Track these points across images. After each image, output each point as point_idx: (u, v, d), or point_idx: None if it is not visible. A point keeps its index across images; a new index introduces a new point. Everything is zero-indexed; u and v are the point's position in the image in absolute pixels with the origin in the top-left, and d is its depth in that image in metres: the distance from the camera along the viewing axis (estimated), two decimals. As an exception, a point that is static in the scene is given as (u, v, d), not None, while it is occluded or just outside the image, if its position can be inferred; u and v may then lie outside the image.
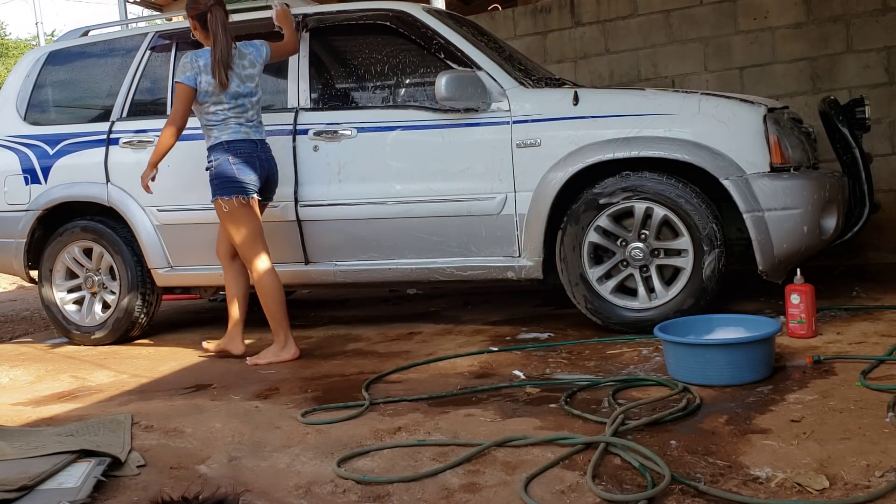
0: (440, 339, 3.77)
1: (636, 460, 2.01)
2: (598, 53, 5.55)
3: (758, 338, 2.68)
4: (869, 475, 1.85)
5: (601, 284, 3.55)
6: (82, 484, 2.09)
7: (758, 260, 3.37)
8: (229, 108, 3.52)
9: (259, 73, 3.63)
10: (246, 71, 3.57)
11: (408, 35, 3.86)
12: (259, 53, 3.64)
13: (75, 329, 4.41)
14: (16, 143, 4.49)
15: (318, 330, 4.32)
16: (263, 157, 3.61)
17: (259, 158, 3.58)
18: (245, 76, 3.56)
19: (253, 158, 3.55)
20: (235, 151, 3.51)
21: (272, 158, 3.68)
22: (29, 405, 3.19)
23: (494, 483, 2.01)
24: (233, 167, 3.50)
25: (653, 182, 3.42)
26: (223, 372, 3.49)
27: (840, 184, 3.67)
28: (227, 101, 3.50)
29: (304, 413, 2.69)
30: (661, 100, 3.53)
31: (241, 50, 3.58)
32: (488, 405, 2.64)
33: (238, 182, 3.51)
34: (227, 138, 3.52)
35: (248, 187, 3.52)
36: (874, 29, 4.81)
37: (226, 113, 3.52)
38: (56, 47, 4.68)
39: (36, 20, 22.87)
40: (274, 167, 3.68)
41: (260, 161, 3.58)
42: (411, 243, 3.80)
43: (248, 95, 3.57)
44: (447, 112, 3.67)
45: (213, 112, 3.52)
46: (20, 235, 4.42)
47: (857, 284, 4.16)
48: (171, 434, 2.59)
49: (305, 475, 2.17)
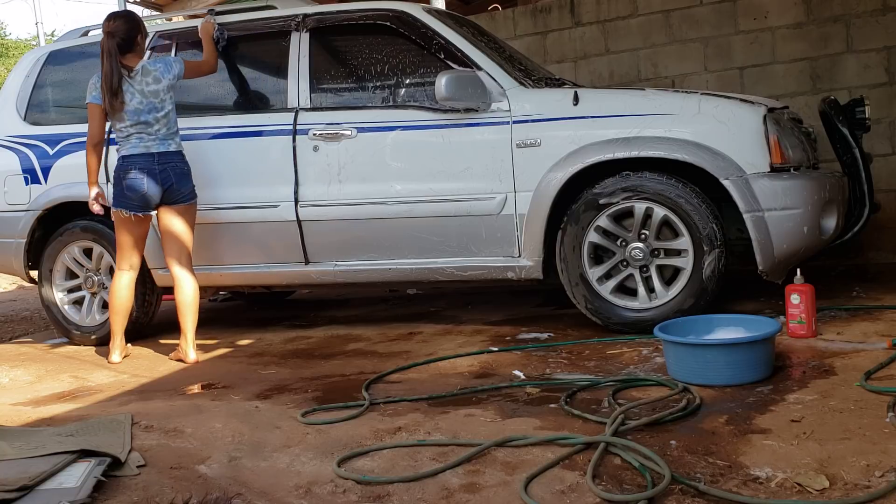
0: (440, 339, 3.77)
1: (636, 460, 2.01)
2: (598, 53, 5.55)
3: (758, 338, 2.68)
4: (869, 475, 1.85)
5: (601, 284, 3.55)
6: (82, 484, 2.09)
7: (758, 260, 3.37)
8: (130, 124, 3.68)
9: (166, 89, 3.73)
10: (150, 87, 3.69)
11: (408, 35, 3.86)
12: (168, 69, 3.75)
13: (75, 329, 4.41)
14: (16, 143, 4.49)
15: (318, 330, 4.32)
16: (158, 169, 3.71)
17: (153, 172, 3.69)
18: (148, 92, 3.69)
19: (144, 173, 3.68)
20: (129, 167, 3.70)
21: (175, 167, 3.74)
22: (29, 405, 3.19)
23: (494, 483, 2.00)
24: (122, 182, 3.70)
25: (653, 182, 3.42)
26: (223, 372, 3.49)
27: (840, 184, 3.67)
28: (127, 118, 3.68)
29: (304, 413, 2.69)
30: (661, 100, 3.53)
31: (145, 67, 3.72)
32: (488, 405, 2.64)
33: (124, 197, 3.71)
34: (125, 153, 3.71)
35: (130, 203, 3.71)
36: (874, 29, 4.81)
37: (128, 129, 3.69)
38: (56, 47, 4.68)
39: (36, 20, 22.87)
40: (174, 176, 3.73)
41: (153, 174, 3.69)
42: (411, 243, 3.80)
43: (152, 111, 3.69)
44: (447, 112, 3.68)
45: (118, 129, 3.72)
46: (20, 235, 4.42)
47: (857, 284, 4.16)
48: (171, 434, 2.59)
49: (305, 475, 2.17)
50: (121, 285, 3.86)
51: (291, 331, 4.36)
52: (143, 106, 3.68)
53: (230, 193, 4.01)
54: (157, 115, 3.71)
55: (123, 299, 3.87)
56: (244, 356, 3.79)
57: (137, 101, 3.67)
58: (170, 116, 3.75)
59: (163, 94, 3.72)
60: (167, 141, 3.74)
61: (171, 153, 3.75)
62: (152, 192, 3.70)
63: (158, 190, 3.71)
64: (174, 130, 3.79)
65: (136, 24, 3.73)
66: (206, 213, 3.96)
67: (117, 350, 3.89)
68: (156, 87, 3.71)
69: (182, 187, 3.76)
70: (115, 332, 3.90)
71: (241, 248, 4.07)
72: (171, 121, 3.76)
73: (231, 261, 4.12)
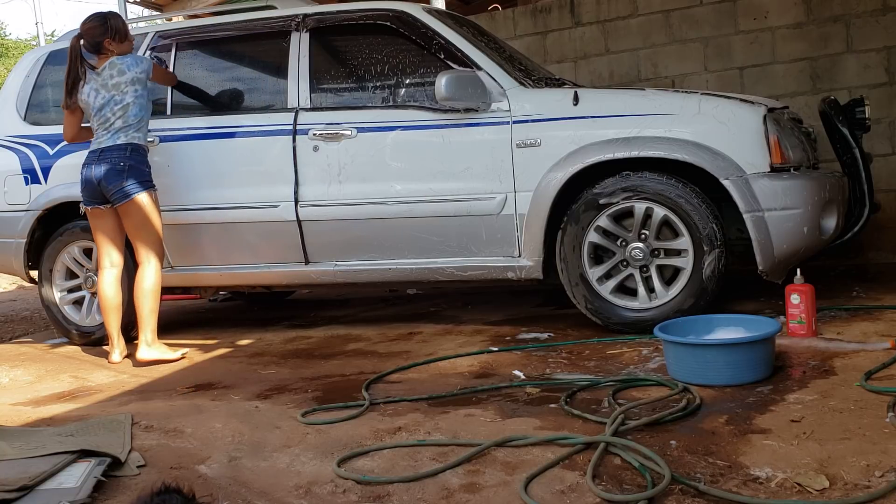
0: (440, 339, 3.77)
1: (636, 460, 2.01)
2: (598, 53, 5.55)
3: (758, 338, 2.68)
4: (869, 475, 1.84)
5: (601, 284, 3.55)
6: (82, 484, 2.09)
7: (758, 260, 3.37)
8: (96, 121, 3.76)
9: (130, 81, 3.71)
10: (113, 80, 3.72)
11: (408, 35, 3.86)
12: (136, 64, 3.77)
13: (75, 329, 4.41)
14: (16, 143, 4.49)
15: (318, 330, 4.32)
16: (94, 164, 3.73)
17: (90, 166, 3.74)
18: (111, 85, 3.72)
19: (86, 167, 3.75)
20: (84, 163, 3.78)
21: (105, 162, 3.71)
22: (29, 405, 3.19)
23: (494, 483, 2.00)
24: (80, 178, 3.80)
25: (653, 182, 3.42)
26: (223, 372, 3.49)
27: (840, 184, 3.67)
28: (93, 114, 3.76)
29: (304, 413, 2.69)
30: (661, 100, 3.53)
31: (113, 61, 3.76)
32: (488, 405, 2.64)
33: (81, 193, 3.81)
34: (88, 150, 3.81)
35: (84, 196, 3.80)
36: (874, 29, 4.81)
37: (96, 125, 3.77)
38: (56, 47, 4.67)
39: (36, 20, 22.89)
40: (101, 173, 3.70)
41: (90, 168, 3.74)
42: (411, 243, 3.80)
43: (111, 104, 3.71)
44: (447, 112, 3.68)
45: (93, 128, 3.80)
46: (20, 235, 4.42)
47: (857, 284, 4.16)
48: (171, 434, 2.59)
49: (305, 475, 2.17)
50: (104, 283, 3.85)
51: (291, 331, 4.36)
52: (102, 100, 3.70)
53: (230, 193, 4.00)
54: (114, 108, 3.71)
55: (108, 297, 3.85)
56: (244, 356, 3.79)
57: (101, 96, 3.70)
58: (128, 109, 3.71)
59: (124, 87, 3.70)
60: (118, 134, 3.72)
61: (112, 147, 3.72)
62: (91, 187, 3.74)
63: (94, 184, 3.73)
64: (129, 124, 3.72)
65: (102, 27, 3.75)
66: (206, 214, 3.96)
67: (117, 349, 3.88)
68: (119, 80, 3.70)
69: (108, 183, 3.69)
70: (110, 331, 3.89)
71: (241, 249, 4.07)
72: (128, 114, 3.71)
73: (231, 261, 4.12)
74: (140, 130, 3.77)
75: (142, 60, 3.80)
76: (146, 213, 3.73)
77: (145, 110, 3.79)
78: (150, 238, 3.77)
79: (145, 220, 3.74)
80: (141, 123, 3.77)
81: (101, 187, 3.72)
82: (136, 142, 3.75)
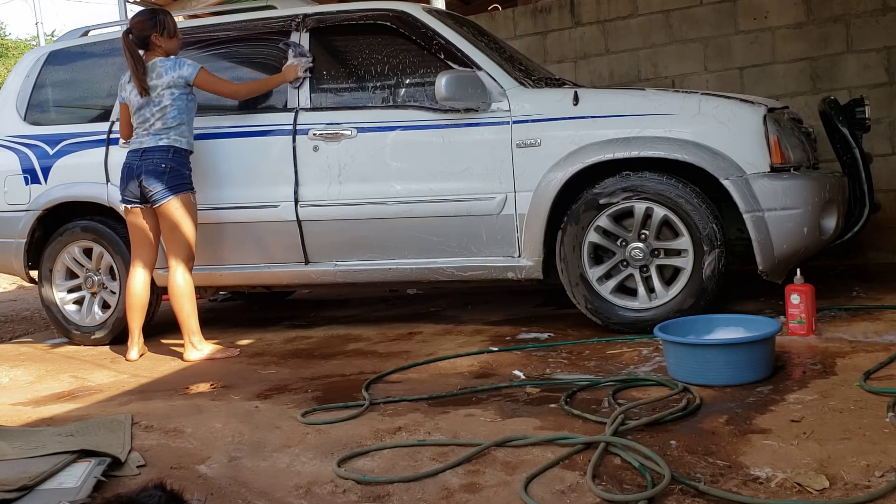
0: (440, 339, 3.77)
1: (636, 460, 2.01)
2: (598, 53, 5.55)
3: (758, 338, 2.68)
4: (869, 475, 1.85)
5: (601, 284, 3.55)
6: (82, 484, 2.09)
7: (758, 260, 3.37)
8: (137, 120, 3.78)
9: (166, 84, 3.70)
10: (153, 82, 3.72)
11: (408, 35, 3.86)
12: (176, 67, 3.73)
13: (75, 329, 4.41)
14: (16, 143, 4.49)
15: (318, 330, 4.32)
16: (136, 164, 3.74)
17: (132, 165, 3.75)
18: (150, 86, 3.72)
19: (128, 166, 3.77)
20: (125, 162, 3.81)
21: (146, 162, 3.71)
22: (29, 405, 3.19)
23: (494, 483, 2.00)
24: (119, 176, 3.84)
25: (653, 182, 3.42)
26: (223, 372, 3.49)
27: (840, 184, 3.67)
28: (134, 113, 3.78)
29: (304, 413, 2.69)
30: (661, 100, 3.53)
31: (155, 63, 3.74)
32: (488, 405, 2.64)
33: (120, 191, 3.84)
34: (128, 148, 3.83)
35: (123, 196, 3.81)
36: (874, 29, 4.81)
37: (136, 124, 3.79)
38: (56, 47, 4.68)
39: (36, 20, 22.88)
40: (142, 173, 3.71)
41: (132, 168, 3.75)
42: (411, 243, 3.80)
43: (149, 105, 3.72)
44: (447, 112, 3.68)
45: (133, 125, 3.82)
46: (20, 235, 4.42)
47: (857, 284, 4.16)
48: (171, 434, 2.59)
49: (305, 475, 2.17)
50: (133, 282, 3.86)
51: (291, 331, 4.36)
52: (144, 101, 3.71)
53: (230, 193, 4.00)
54: (153, 110, 3.71)
55: (135, 296, 3.86)
56: (244, 356, 3.79)
57: (141, 97, 3.72)
58: (166, 112, 3.71)
59: (161, 90, 3.70)
60: (158, 136, 3.72)
61: (155, 148, 3.72)
62: (132, 186, 3.75)
63: (135, 184, 3.74)
64: (170, 126, 3.72)
65: (151, 21, 3.76)
66: (207, 213, 3.96)
67: (135, 347, 3.89)
68: (156, 82, 3.71)
69: (149, 183, 3.70)
70: (132, 329, 3.90)
71: (242, 248, 4.07)
72: (167, 116, 3.71)
73: (231, 261, 4.12)
74: (181, 134, 3.77)
75: (182, 65, 3.75)
76: (182, 215, 3.74)
77: (185, 113, 3.77)
78: (181, 241, 3.76)
79: (180, 222, 3.75)
80: (181, 127, 3.76)
81: (141, 187, 3.73)
82: (178, 145, 3.75)
